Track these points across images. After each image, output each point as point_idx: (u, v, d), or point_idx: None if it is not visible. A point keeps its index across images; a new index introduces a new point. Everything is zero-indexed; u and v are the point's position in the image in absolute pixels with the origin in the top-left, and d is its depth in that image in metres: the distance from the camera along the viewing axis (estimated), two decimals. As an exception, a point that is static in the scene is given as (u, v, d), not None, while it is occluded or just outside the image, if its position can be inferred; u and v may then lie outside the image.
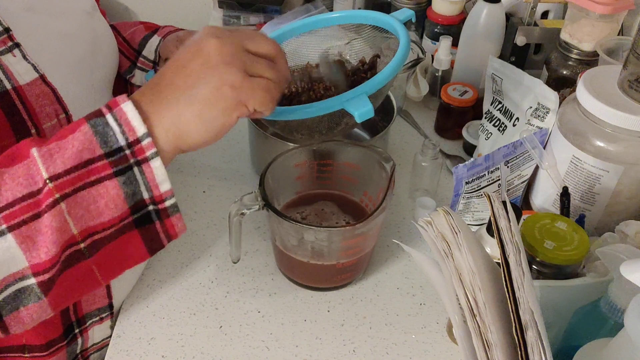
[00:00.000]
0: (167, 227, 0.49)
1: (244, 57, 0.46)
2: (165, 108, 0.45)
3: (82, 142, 0.44)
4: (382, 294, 0.74)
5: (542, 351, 0.44)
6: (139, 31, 0.78)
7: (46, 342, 0.63)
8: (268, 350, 0.67)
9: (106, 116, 0.45)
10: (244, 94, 0.46)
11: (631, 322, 0.42)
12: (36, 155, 0.43)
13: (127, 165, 0.45)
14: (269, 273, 0.76)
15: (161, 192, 0.47)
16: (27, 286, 0.45)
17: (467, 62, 1.01)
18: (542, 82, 0.78)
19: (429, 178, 0.84)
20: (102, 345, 0.70)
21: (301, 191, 0.78)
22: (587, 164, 0.70)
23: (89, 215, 0.45)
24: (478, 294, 0.48)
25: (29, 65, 0.54)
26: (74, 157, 0.44)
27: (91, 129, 0.44)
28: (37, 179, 0.43)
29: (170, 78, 0.46)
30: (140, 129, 0.45)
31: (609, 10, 0.83)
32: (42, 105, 0.55)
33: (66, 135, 0.45)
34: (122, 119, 0.45)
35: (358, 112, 0.55)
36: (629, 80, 0.68)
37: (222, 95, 0.45)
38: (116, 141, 0.44)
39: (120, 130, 0.44)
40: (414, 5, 1.17)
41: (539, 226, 0.62)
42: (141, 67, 0.76)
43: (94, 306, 0.67)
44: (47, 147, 0.44)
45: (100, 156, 0.44)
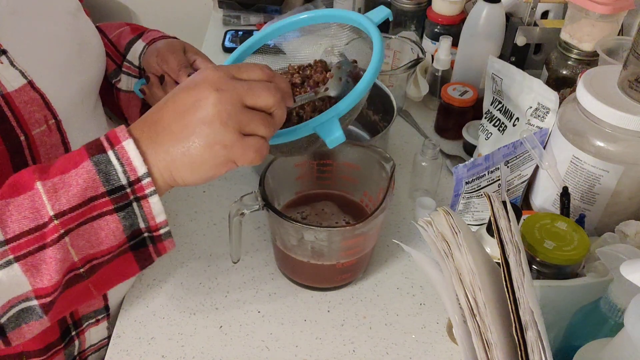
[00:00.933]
0: (159, 249, 0.52)
1: (240, 115, 0.47)
2: (162, 152, 0.47)
3: (85, 180, 0.46)
4: (382, 294, 0.74)
5: (542, 351, 0.44)
6: (125, 33, 0.77)
7: (44, 346, 0.63)
8: (268, 350, 0.67)
9: (108, 153, 0.47)
10: (234, 154, 0.48)
11: (631, 322, 0.42)
12: (41, 190, 0.45)
13: (127, 202, 0.47)
14: (269, 273, 0.76)
15: (157, 222, 0.50)
16: (30, 307, 0.47)
17: (467, 62, 1.01)
18: (542, 82, 0.78)
19: (429, 178, 0.84)
20: (100, 347, 0.70)
21: (301, 191, 0.78)
22: (587, 164, 0.70)
23: (89, 245, 0.48)
24: (478, 294, 0.48)
25: (16, 71, 0.54)
26: (79, 195, 0.46)
27: (94, 167, 0.46)
28: (43, 213, 0.45)
29: (167, 122, 0.47)
30: (141, 169, 0.47)
31: (609, 10, 0.83)
32: (31, 111, 0.54)
33: (69, 169, 0.46)
34: (124, 158, 0.46)
35: (329, 139, 0.55)
36: (629, 80, 0.68)
37: (214, 153, 0.47)
38: (118, 180, 0.47)
39: (122, 170, 0.47)
40: (414, 5, 1.17)
41: (539, 226, 0.62)
42: (127, 72, 0.75)
43: (90, 309, 0.67)
44: (52, 182, 0.46)
45: (103, 194, 0.47)
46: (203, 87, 0.47)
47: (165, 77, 0.70)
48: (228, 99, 0.46)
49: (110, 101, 0.78)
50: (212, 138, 0.46)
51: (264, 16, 1.33)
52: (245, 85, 0.48)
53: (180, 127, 0.47)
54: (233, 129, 0.47)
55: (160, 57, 0.69)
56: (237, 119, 0.47)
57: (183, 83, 0.49)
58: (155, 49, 0.71)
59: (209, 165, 0.48)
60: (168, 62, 0.68)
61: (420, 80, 1.03)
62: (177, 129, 0.47)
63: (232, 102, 0.47)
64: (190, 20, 1.51)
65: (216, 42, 1.27)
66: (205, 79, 0.47)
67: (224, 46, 1.26)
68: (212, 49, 1.26)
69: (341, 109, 0.56)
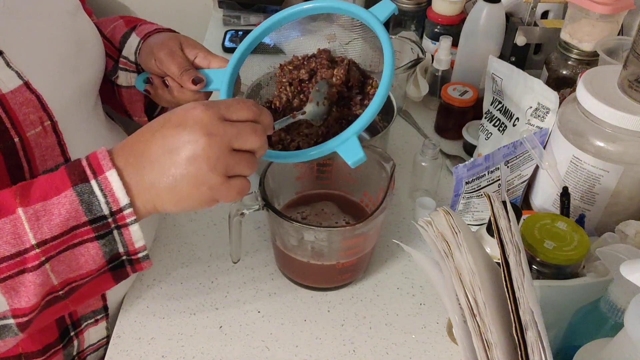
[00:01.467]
0: (136, 269, 0.53)
1: (228, 159, 0.48)
2: (147, 185, 0.48)
3: (68, 210, 0.47)
4: (382, 294, 0.74)
5: (542, 351, 0.44)
6: (119, 27, 0.75)
7: (42, 347, 0.63)
8: (268, 350, 0.67)
9: (91, 182, 0.47)
10: (219, 195, 0.49)
11: (631, 322, 0.42)
12: (23, 218, 0.46)
13: (108, 230, 0.48)
14: (269, 273, 0.76)
15: (136, 248, 0.51)
16: (7, 325, 0.48)
17: (467, 62, 1.01)
18: (542, 82, 0.78)
19: (429, 178, 0.84)
20: (99, 346, 0.70)
21: (301, 191, 0.78)
22: (587, 164, 0.70)
23: (69, 270, 0.49)
24: (478, 294, 0.48)
25: (12, 72, 0.54)
26: (61, 225, 0.46)
27: (77, 197, 0.47)
28: (24, 240, 0.46)
29: (155, 156, 0.48)
30: (124, 200, 0.48)
31: (609, 10, 0.83)
32: (26, 113, 0.54)
33: (51, 196, 0.47)
34: (107, 189, 0.47)
35: (352, 161, 0.56)
36: (629, 80, 0.68)
37: (200, 193, 0.48)
38: (100, 210, 0.47)
39: (105, 201, 0.47)
40: (414, 5, 1.17)
41: (539, 226, 0.62)
42: (124, 67, 0.73)
43: (89, 309, 0.66)
44: (33, 209, 0.46)
45: (85, 223, 0.47)
46: (194, 130, 0.47)
47: (168, 83, 0.69)
48: (217, 143, 0.47)
49: (112, 99, 0.78)
50: (200, 179, 0.48)
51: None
52: (234, 129, 0.49)
53: (168, 164, 0.47)
54: (220, 172, 0.48)
55: (159, 62, 0.67)
56: (224, 163, 0.48)
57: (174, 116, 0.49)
58: (150, 50, 0.69)
59: (193, 202, 0.49)
60: (168, 68, 0.66)
61: (420, 80, 1.03)
62: (165, 165, 0.48)
63: (221, 146, 0.48)
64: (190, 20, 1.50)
65: (216, 42, 1.27)
66: (196, 121, 0.48)
67: (224, 46, 1.26)
68: (212, 49, 1.24)
69: (359, 127, 0.57)
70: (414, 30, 1.18)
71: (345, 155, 0.55)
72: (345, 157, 0.55)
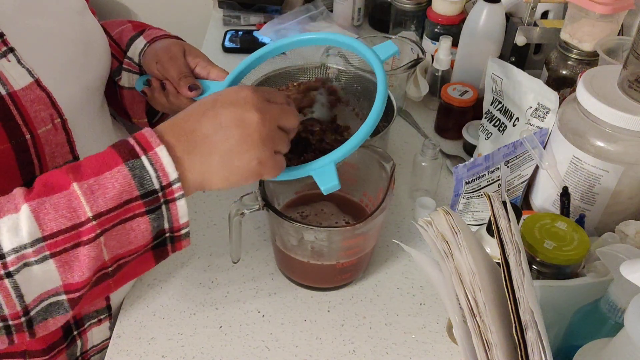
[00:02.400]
0: (175, 247, 0.55)
1: (276, 136, 0.53)
2: (198, 162, 0.51)
3: (122, 184, 0.48)
4: (382, 294, 0.74)
5: (542, 351, 0.44)
6: (127, 31, 0.76)
7: (47, 346, 0.63)
8: (268, 350, 0.67)
9: (141, 158, 0.49)
10: (265, 170, 0.53)
11: (631, 322, 0.42)
12: (78, 191, 0.47)
13: (158, 204, 0.50)
14: (269, 273, 0.76)
15: (180, 224, 0.52)
16: (59, 301, 0.49)
17: (467, 62, 1.01)
18: (542, 82, 0.78)
19: (429, 178, 0.84)
20: (102, 347, 0.70)
21: (301, 191, 0.78)
22: (587, 164, 0.70)
23: (120, 245, 0.50)
24: (478, 294, 0.48)
25: (23, 69, 0.54)
26: (115, 198, 0.48)
27: (130, 172, 0.48)
28: (80, 214, 0.47)
29: (208, 133, 0.51)
30: (173, 174, 0.49)
31: (609, 10, 0.83)
32: (37, 110, 0.55)
33: (103, 171, 0.48)
34: (157, 164, 0.49)
35: (324, 187, 0.57)
36: (629, 80, 0.68)
37: (250, 168, 0.52)
38: (151, 184, 0.49)
39: (155, 175, 0.49)
40: (414, 5, 1.17)
41: (539, 226, 0.62)
42: (127, 68, 0.74)
43: (92, 308, 0.67)
44: (88, 184, 0.48)
45: (137, 197, 0.49)
46: (247, 107, 0.51)
47: (166, 86, 0.70)
48: (268, 120, 0.52)
49: (113, 100, 0.78)
50: (252, 153, 0.51)
51: (264, 16, 1.33)
52: (278, 108, 0.53)
53: (222, 139, 0.50)
54: (269, 147, 0.52)
55: (160, 65, 0.69)
56: (273, 139, 0.52)
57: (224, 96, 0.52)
58: (154, 53, 0.71)
59: (242, 177, 0.52)
60: (168, 72, 0.69)
61: (420, 80, 1.03)
62: (219, 141, 0.50)
63: (271, 123, 0.52)
64: (190, 20, 1.50)
65: (216, 42, 1.27)
66: (247, 100, 0.51)
67: (224, 46, 1.26)
68: (212, 49, 1.26)
69: (338, 156, 0.58)
70: (414, 30, 1.18)
71: (319, 180, 0.57)
72: (320, 182, 0.57)
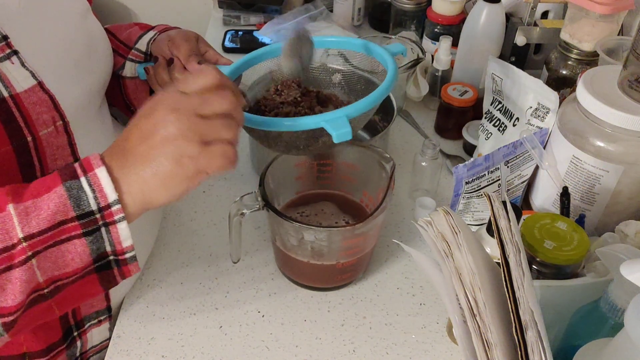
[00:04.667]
0: (123, 272, 0.53)
1: (199, 127, 0.49)
2: (133, 177, 0.49)
3: (56, 204, 0.47)
4: (382, 294, 0.74)
5: (542, 351, 0.44)
6: (135, 31, 0.78)
7: (46, 346, 0.63)
8: (268, 350, 0.67)
9: (80, 179, 0.48)
10: (202, 163, 0.49)
11: (631, 322, 0.42)
12: (13, 213, 0.47)
13: (96, 226, 0.49)
14: (269, 273, 0.76)
15: (123, 247, 0.51)
16: None
17: (467, 62, 1.01)
18: (542, 82, 0.78)
19: (429, 178, 0.84)
20: (101, 348, 0.70)
21: (301, 191, 0.78)
22: (587, 164, 0.70)
23: (55, 267, 0.49)
24: (478, 294, 0.48)
25: (27, 72, 0.54)
26: (49, 219, 0.47)
27: (66, 192, 0.48)
28: (12, 235, 0.46)
29: (134, 147, 0.49)
30: (112, 195, 0.48)
31: (609, 10, 0.83)
32: (39, 112, 0.55)
33: (42, 194, 0.48)
34: (96, 184, 0.48)
35: (336, 132, 0.55)
36: (629, 80, 0.68)
37: (183, 167, 0.48)
38: (88, 205, 0.48)
39: (93, 196, 0.48)
40: (414, 5, 1.17)
41: (539, 226, 0.62)
42: (131, 58, 0.75)
43: (92, 309, 0.67)
44: (24, 205, 0.47)
45: (72, 218, 0.48)
46: (160, 110, 0.49)
47: (174, 61, 0.71)
48: (184, 114, 0.48)
49: (116, 95, 0.78)
50: (178, 153, 0.48)
51: (264, 16, 1.33)
52: (197, 98, 0.50)
53: (146, 149, 0.48)
54: (195, 140, 0.48)
55: (172, 42, 0.71)
56: (196, 130, 0.48)
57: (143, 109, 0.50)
58: (167, 35, 0.74)
59: (180, 180, 0.49)
60: (179, 48, 0.70)
61: (420, 80, 1.03)
62: (143, 152, 0.49)
63: (189, 116, 0.48)
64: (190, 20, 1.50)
65: (216, 42, 1.27)
66: (159, 103, 0.49)
67: (224, 46, 1.26)
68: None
69: (351, 111, 0.57)
70: (414, 30, 1.18)
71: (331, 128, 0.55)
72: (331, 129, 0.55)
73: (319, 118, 0.56)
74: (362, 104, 0.58)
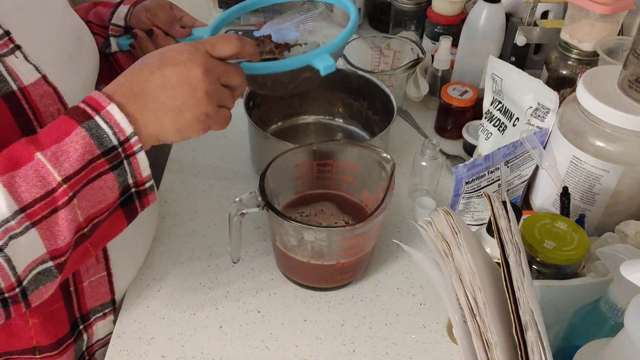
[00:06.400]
0: (143, 203, 0.57)
1: (219, 91, 0.56)
2: (152, 119, 0.54)
3: (82, 145, 0.50)
4: (382, 294, 0.74)
5: (542, 351, 0.44)
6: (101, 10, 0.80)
7: (56, 340, 0.64)
8: (268, 350, 0.67)
9: (95, 118, 0.51)
10: (213, 122, 0.57)
11: (631, 322, 0.42)
12: (44, 160, 0.49)
13: (119, 160, 0.52)
14: (269, 273, 0.76)
15: (143, 177, 0.55)
16: (47, 268, 0.51)
17: (467, 62, 1.01)
18: (542, 82, 0.78)
19: (429, 178, 0.84)
20: (106, 342, 0.71)
21: (301, 191, 0.78)
22: (587, 164, 0.70)
23: (91, 205, 0.52)
24: (478, 294, 0.48)
25: (30, 66, 0.55)
26: (79, 159, 0.50)
27: (87, 132, 0.50)
28: (50, 180, 0.49)
29: (156, 93, 0.54)
30: (129, 129, 0.52)
31: (609, 10, 0.83)
32: (45, 105, 0.56)
33: (62, 138, 0.50)
34: (112, 121, 0.51)
35: (323, 65, 0.64)
36: (629, 80, 0.68)
37: (199, 121, 0.56)
38: (110, 142, 0.51)
39: (112, 132, 0.51)
40: (414, 5, 1.17)
41: (539, 226, 0.62)
42: (113, 34, 0.78)
43: (98, 302, 0.67)
44: (51, 151, 0.50)
45: (99, 155, 0.51)
46: (191, 65, 0.54)
47: (154, 31, 0.75)
48: (212, 77, 0.55)
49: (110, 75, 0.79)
50: (200, 109, 0.55)
51: (264, 16, 1.33)
52: (223, 67, 0.57)
53: (171, 96, 0.54)
54: (214, 102, 0.56)
55: (150, 13, 0.76)
56: (217, 95, 0.56)
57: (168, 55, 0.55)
58: (143, 7, 0.77)
59: (193, 131, 0.56)
60: (158, 17, 0.76)
61: (420, 80, 1.03)
62: (168, 98, 0.54)
63: (214, 80, 0.55)
64: (190, 20, 1.50)
65: (216, 42, 1.27)
66: (191, 58, 0.54)
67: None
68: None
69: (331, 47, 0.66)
70: (414, 30, 1.18)
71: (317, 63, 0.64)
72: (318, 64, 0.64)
73: (306, 57, 0.65)
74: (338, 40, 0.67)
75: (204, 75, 0.54)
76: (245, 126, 0.90)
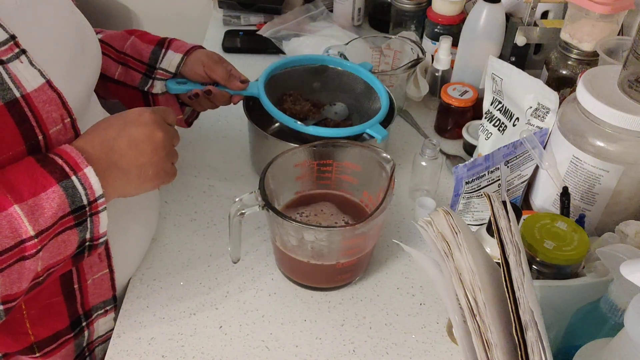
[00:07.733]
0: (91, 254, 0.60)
1: (172, 151, 0.64)
2: (118, 177, 0.58)
3: (58, 203, 0.53)
4: (382, 294, 0.74)
5: (542, 351, 0.44)
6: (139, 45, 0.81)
7: (53, 333, 0.64)
8: (268, 350, 0.67)
9: (72, 178, 0.54)
10: (168, 177, 0.64)
11: (631, 322, 0.42)
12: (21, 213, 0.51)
13: (84, 218, 0.56)
14: (269, 273, 0.76)
15: (100, 233, 0.58)
16: None
17: (467, 62, 1.01)
18: (542, 82, 0.78)
19: (429, 178, 0.84)
20: (106, 338, 0.71)
21: (301, 191, 0.78)
22: (587, 164, 0.70)
23: (51, 256, 0.55)
24: (478, 294, 0.48)
25: (35, 71, 0.54)
26: (53, 216, 0.53)
27: (64, 191, 0.53)
28: (21, 232, 0.51)
29: (124, 149, 0.58)
30: (99, 191, 0.56)
31: (609, 10, 0.83)
32: (48, 111, 0.55)
33: (39, 192, 0.52)
34: (87, 183, 0.55)
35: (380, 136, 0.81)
36: (629, 80, 0.68)
37: (159, 176, 0.62)
38: (81, 201, 0.55)
39: (84, 193, 0.55)
40: (414, 5, 1.17)
41: (539, 226, 0.62)
42: (161, 78, 0.81)
43: (100, 299, 0.68)
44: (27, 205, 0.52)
45: (69, 212, 0.54)
46: (154, 127, 0.60)
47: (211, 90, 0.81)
48: (168, 137, 0.62)
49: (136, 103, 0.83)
50: (160, 165, 0.62)
51: (264, 16, 1.33)
52: (173, 131, 0.64)
53: (137, 155, 0.59)
54: (170, 160, 0.64)
55: (207, 68, 0.81)
56: (171, 154, 0.64)
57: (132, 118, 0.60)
58: (197, 60, 0.81)
59: (152, 185, 0.62)
60: (216, 72, 0.81)
61: (420, 80, 1.03)
62: (134, 156, 0.59)
63: (169, 141, 0.62)
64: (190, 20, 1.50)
65: (216, 42, 1.27)
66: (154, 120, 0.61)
67: (224, 46, 1.26)
68: (212, 49, 1.24)
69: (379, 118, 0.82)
70: (414, 30, 1.18)
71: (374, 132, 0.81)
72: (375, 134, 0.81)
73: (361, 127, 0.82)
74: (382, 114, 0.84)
75: (164, 136, 0.61)
76: (245, 126, 0.90)
